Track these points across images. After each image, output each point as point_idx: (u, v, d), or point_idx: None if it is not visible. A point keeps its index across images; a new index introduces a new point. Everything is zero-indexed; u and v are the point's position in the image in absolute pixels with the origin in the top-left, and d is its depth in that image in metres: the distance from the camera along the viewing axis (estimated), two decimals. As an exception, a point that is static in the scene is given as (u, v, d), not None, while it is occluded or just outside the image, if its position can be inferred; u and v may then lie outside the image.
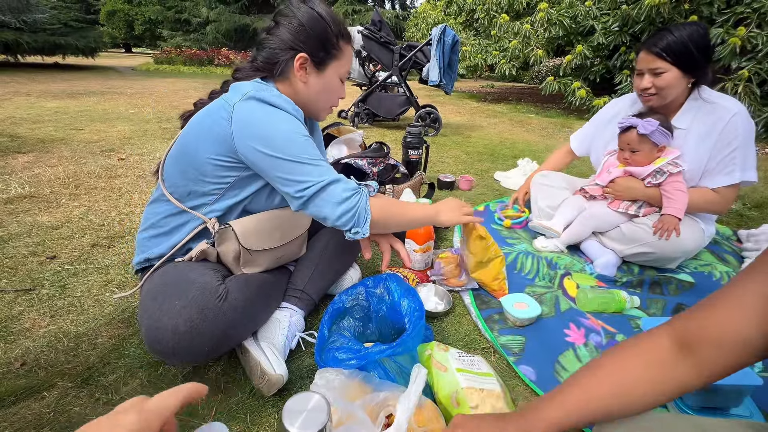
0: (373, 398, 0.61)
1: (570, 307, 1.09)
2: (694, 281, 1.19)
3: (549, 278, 1.23)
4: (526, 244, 1.44)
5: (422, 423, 0.60)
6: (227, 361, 0.85)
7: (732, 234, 1.60)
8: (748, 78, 3.52)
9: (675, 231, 1.17)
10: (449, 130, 3.73)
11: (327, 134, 1.61)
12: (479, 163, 2.63)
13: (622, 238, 1.30)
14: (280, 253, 0.90)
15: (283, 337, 0.84)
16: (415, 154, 1.95)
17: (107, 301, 1.04)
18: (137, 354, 0.87)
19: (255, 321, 0.81)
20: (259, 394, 0.78)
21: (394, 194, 1.65)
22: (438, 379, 0.72)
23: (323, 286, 0.99)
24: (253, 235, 0.84)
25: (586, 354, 0.92)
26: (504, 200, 1.92)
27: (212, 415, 0.73)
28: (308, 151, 0.74)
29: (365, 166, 1.51)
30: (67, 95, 4.48)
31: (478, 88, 8.53)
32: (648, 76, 1.18)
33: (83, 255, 1.25)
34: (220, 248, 0.84)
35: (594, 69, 4.76)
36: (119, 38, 20.97)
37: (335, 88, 0.87)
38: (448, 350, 0.78)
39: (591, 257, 1.35)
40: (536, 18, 4.79)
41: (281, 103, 0.76)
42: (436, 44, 3.10)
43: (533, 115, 5.09)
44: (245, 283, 0.80)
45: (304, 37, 0.79)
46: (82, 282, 1.12)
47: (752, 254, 1.36)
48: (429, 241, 1.23)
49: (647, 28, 4.13)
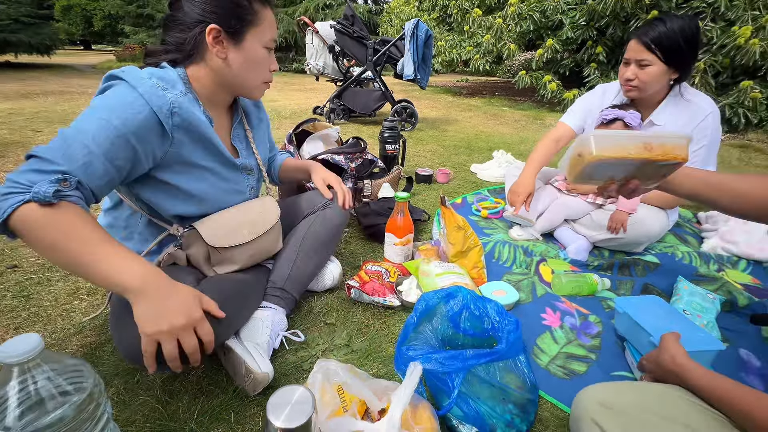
0: (376, 383, 0.61)
1: (546, 292, 1.13)
2: (659, 262, 1.25)
3: (525, 265, 1.27)
4: (503, 234, 1.48)
5: (418, 422, 0.61)
6: (208, 365, 0.83)
7: (693, 216, 1.70)
8: (704, 70, 3.73)
9: (623, 227, 1.25)
10: (425, 125, 3.75)
11: (302, 131, 1.58)
12: (456, 156, 2.66)
13: (592, 224, 1.36)
14: (252, 249, 0.87)
15: (266, 336, 0.83)
16: (392, 148, 1.95)
17: (77, 310, 1.00)
18: (111, 362, 0.83)
19: (234, 321, 0.79)
20: (243, 395, 0.76)
21: (372, 189, 1.65)
22: (424, 282, 1.03)
23: (303, 282, 0.98)
24: (218, 233, 0.81)
25: (562, 335, 0.96)
26: (480, 192, 1.96)
27: (194, 418, 0.72)
28: (87, 130, 0.61)
29: (342, 162, 1.50)
30: (21, 96, 4.20)
31: (452, 83, 8.61)
32: (634, 66, 1.18)
33: (47, 263, 1.19)
34: (189, 251, 0.82)
35: (564, 62, 4.90)
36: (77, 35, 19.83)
37: (261, 60, 0.78)
38: (431, 263, 1.07)
39: (564, 244, 1.40)
40: (507, 13, 4.88)
41: (137, 80, 0.66)
42: (410, 38, 3.10)
43: (507, 108, 5.20)
44: (220, 284, 0.78)
45: (211, 7, 0.71)
46: (48, 291, 1.06)
47: (710, 234, 1.45)
48: (408, 234, 1.24)
49: (612, 22, 4.29)
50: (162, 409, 0.73)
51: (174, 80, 0.72)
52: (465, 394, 0.67)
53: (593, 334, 0.97)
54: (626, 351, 0.89)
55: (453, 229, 1.10)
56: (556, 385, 0.82)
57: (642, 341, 0.83)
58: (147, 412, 0.73)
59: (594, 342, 0.94)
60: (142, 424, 0.70)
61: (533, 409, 0.73)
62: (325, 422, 0.55)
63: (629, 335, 0.88)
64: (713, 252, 1.36)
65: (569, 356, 0.90)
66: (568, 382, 0.83)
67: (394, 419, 0.53)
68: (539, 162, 1.41)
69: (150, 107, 0.65)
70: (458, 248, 1.11)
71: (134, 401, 0.75)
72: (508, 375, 0.72)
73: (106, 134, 0.62)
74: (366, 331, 0.97)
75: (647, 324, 0.82)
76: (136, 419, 0.71)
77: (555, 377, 0.84)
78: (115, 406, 0.74)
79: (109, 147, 0.62)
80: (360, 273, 1.09)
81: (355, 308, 1.04)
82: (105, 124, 0.62)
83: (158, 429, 0.70)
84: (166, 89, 0.68)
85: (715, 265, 1.28)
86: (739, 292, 1.08)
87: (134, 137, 0.65)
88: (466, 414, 0.66)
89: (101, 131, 0.62)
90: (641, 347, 0.83)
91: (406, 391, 0.55)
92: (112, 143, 0.62)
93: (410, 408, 0.60)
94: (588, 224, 1.38)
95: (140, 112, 0.64)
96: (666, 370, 0.67)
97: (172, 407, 0.74)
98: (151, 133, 0.67)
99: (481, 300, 0.82)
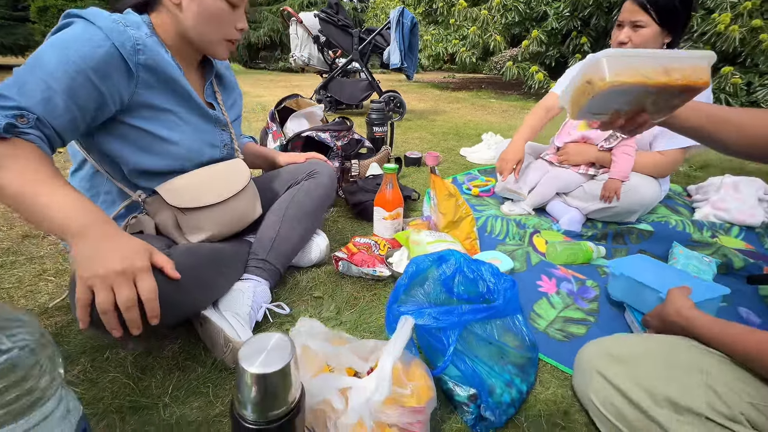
0: (361, 346, 0.56)
1: (541, 260, 1.10)
2: (653, 230, 1.24)
3: (519, 237, 1.23)
4: (495, 210, 1.45)
5: (411, 378, 0.56)
6: (185, 339, 0.77)
7: (683, 190, 1.69)
8: (685, 56, 3.78)
9: (616, 195, 1.22)
10: (413, 115, 3.72)
11: (284, 107, 1.53)
12: (444, 142, 2.63)
13: (585, 196, 1.34)
14: (223, 213, 0.81)
15: (247, 307, 0.78)
16: (379, 131, 1.90)
17: (42, 291, 0.92)
18: (78, 341, 0.77)
19: (208, 289, 0.73)
20: (222, 367, 0.71)
21: (360, 169, 1.60)
22: (416, 252, 0.96)
23: (287, 253, 0.93)
24: (182, 193, 0.75)
25: (559, 301, 0.93)
26: (471, 172, 1.93)
27: (168, 392, 0.66)
28: (44, 66, 0.56)
29: (328, 140, 1.45)
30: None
31: (439, 79, 8.61)
32: (627, 28, 1.15)
33: (12, 247, 1.11)
34: (157, 219, 0.76)
35: (549, 54, 4.93)
36: (55, 37, 19.30)
37: (220, 13, 0.71)
38: (421, 232, 1.02)
39: (556, 217, 1.37)
40: (492, 4, 4.89)
41: (97, 16, 0.61)
42: (396, 26, 3.06)
43: (494, 100, 5.20)
44: (193, 248, 0.73)
45: None
46: (11, 274, 0.99)
47: (701, 203, 1.45)
48: (398, 207, 1.19)
49: (595, 12, 4.33)
50: (133, 385, 0.67)
51: (138, 23, 0.67)
52: (461, 351, 0.62)
53: (590, 298, 0.94)
54: (626, 312, 0.86)
55: (444, 197, 1.06)
56: (556, 347, 0.78)
57: (647, 300, 0.79)
58: (116, 389, 0.66)
59: (592, 306, 0.91)
60: (110, 400, 0.64)
61: (533, 370, 0.69)
62: (310, 380, 0.50)
63: (629, 297, 0.85)
64: (706, 220, 1.35)
65: (567, 320, 0.86)
66: (567, 344, 0.79)
67: (385, 372, 0.48)
68: (530, 130, 1.38)
69: (111, 42, 0.60)
70: (449, 218, 1.07)
71: (102, 379, 0.68)
72: (506, 334, 0.68)
73: (64, 69, 0.57)
74: (355, 303, 0.92)
75: (651, 281, 0.78)
76: (103, 396, 0.65)
77: (554, 340, 0.80)
78: (81, 384, 0.67)
79: (69, 83, 0.57)
80: (348, 245, 1.04)
81: (344, 281, 0.99)
82: (63, 59, 0.57)
83: (128, 405, 0.63)
84: (129, 26, 0.63)
85: (708, 231, 1.27)
86: (735, 255, 1.07)
87: (95, 74, 0.59)
88: (462, 373, 0.61)
89: (59, 66, 0.57)
90: (646, 307, 0.80)
91: (397, 343, 0.51)
92: (72, 79, 0.58)
93: (402, 365, 0.55)
94: (580, 196, 1.35)
95: (101, 47, 0.60)
96: (671, 322, 0.64)
97: (144, 383, 0.68)
98: (113, 70, 0.62)
99: (475, 263, 0.77)
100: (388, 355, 0.50)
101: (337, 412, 0.48)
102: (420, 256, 0.78)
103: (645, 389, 0.52)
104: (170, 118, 0.72)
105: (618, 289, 0.88)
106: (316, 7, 10.01)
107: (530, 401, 0.67)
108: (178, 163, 0.76)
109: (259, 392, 0.38)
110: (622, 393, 0.54)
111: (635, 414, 0.52)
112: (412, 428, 0.51)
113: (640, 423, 0.51)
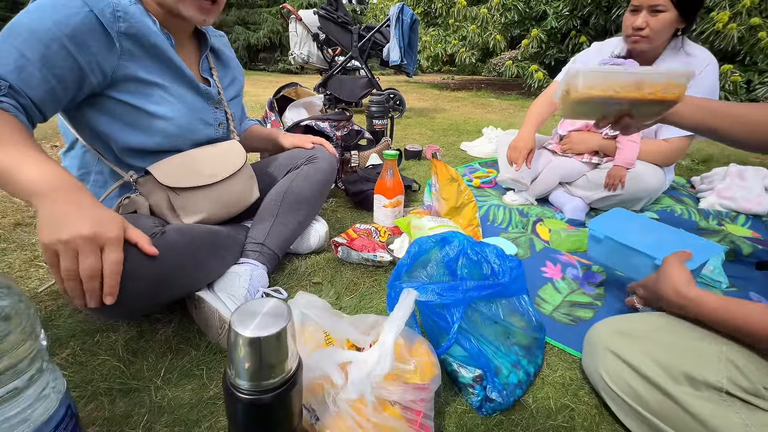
0: (361, 320, 0.54)
1: (544, 247, 1.07)
2: (658, 218, 1.21)
3: (522, 225, 1.21)
4: (497, 200, 1.43)
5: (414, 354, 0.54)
6: (178, 323, 0.75)
7: (686, 182, 1.67)
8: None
9: (621, 183, 1.20)
10: (413, 113, 3.70)
11: (282, 96, 1.50)
12: (445, 137, 2.61)
13: (588, 185, 1.32)
14: (218, 195, 0.78)
15: (243, 290, 0.75)
16: (379, 124, 1.88)
17: (33, 277, 0.90)
18: (67, 325, 0.74)
19: (202, 269, 0.70)
20: (217, 349, 0.68)
21: (360, 160, 1.57)
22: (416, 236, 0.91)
23: (286, 238, 0.90)
24: (175, 172, 0.72)
25: (565, 286, 0.90)
26: (472, 164, 1.91)
27: (160, 375, 0.63)
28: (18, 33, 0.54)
29: (328, 129, 1.43)
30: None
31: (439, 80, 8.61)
32: (645, 12, 1.10)
33: (4, 234, 1.08)
34: (151, 200, 0.74)
35: (549, 53, 4.93)
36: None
37: None
38: (423, 217, 0.98)
39: (560, 207, 1.35)
40: (492, 3, 4.89)
41: None
42: (395, 23, 3.06)
43: (494, 99, 5.20)
44: (187, 229, 0.70)
45: None
46: (1, 260, 0.96)
47: (706, 194, 1.42)
48: (399, 195, 1.17)
49: (594, 11, 4.33)
50: (123, 368, 0.64)
51: None
52: (466, 330, 0.60)
53: (597, 282, 0.91)
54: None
55: (446, 182, 1.03)
56: (562, 331, 0.75)
57: (639, 266, 0.73)
58: (106, 371, 0.64)
59: (599, 290, 0.89)
60: (99, 383, 0.61)
61: (540, 352, 0.67)
62: (309, 355, 0.48)
63: (616, 262, 0.80)
64: (711, 209, 1.33)
65: (573, 304, 0.84)
66: (574, 327, 0.76)
67: (387, 345, 0.45)
68: (538, 118, 1.35)
69: (89, 8, 0.58)
70: (452, 204, 1.05)
71: (92, 362, 0.66)
72: (512, 314, 0.65)
73: (38, 37, 0.55)
74: (355, 289, 0.89)
75: (642, 245, 0.73)
76: (93, 379, 0.62)
77: (560, 324, 0.78)
78: (70, 367, 0.64)
79: (44, 51, 0.55)
80: (348, 231, 1.02)
81: (344, 267, 0.97)
82: (37, 26, 0.55)
83: (118, 388, 0.61)
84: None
85: (714, 220, 1.25)
86: (742, 242, 1.04)
87: (71, 42, 0.57)
88: (468, 352, 0.59)
89: (33, 34, 0.54)
90: (637, 272, 0.74)
91: (399, 315, 0.48)
92: (47, 47, 0.55)
93: (405, 342, 0.52)
94: (584, 185, 1.33)
95: (77, 14, 0.57)
96: (668, 302, 0.58)
97: (136, 366, 0.65)
98: (92, 38, 0.59)
99: (479, 245, 0.75)
100: (390, 327, 0.47)
101: (336, 387, 0.45)
102: (422, 237, 0.75)
103: (660, 364, 0.49)
104: (158, 93, 0.69)
105: (602, 254, 0.82)
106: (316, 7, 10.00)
107: (537, 383, 0.64)
108: (170, 141, 0.74)
109: (253, 358, 0.36)
110: (635, 369, 0.51)
111: (650, 391, 0.49)
112: (415, 407, 0.48)
113: (655, 400, 0.49)
